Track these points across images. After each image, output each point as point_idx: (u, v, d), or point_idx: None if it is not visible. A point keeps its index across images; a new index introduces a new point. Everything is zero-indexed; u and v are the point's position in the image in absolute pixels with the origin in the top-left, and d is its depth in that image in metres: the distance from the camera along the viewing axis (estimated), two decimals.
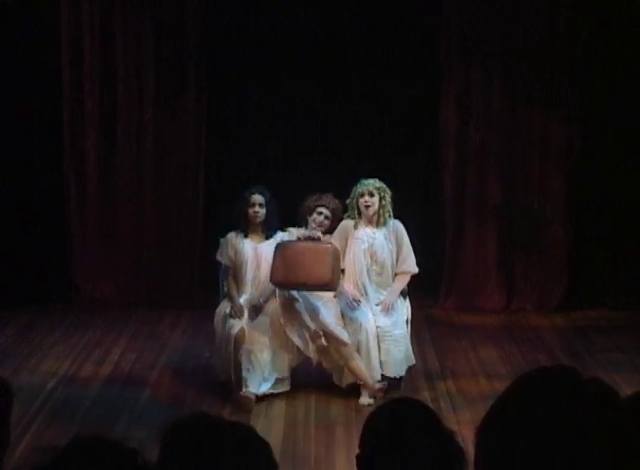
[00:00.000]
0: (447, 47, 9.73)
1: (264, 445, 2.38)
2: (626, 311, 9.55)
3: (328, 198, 7.57)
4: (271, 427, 6.77)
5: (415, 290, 9.00)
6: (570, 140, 9.78)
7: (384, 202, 7.51)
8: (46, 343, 8.63)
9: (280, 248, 7.33)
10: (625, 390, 6.59)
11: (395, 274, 7.63)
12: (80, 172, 9.86)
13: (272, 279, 7.30)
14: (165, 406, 7.10)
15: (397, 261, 7.60)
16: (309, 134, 9.89)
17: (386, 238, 7.56)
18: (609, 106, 9.63)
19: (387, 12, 9.88)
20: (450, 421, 6.14)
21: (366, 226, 7.56)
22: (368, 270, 7.55)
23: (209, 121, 9.93)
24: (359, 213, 7.55)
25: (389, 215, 7.56)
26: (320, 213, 7.52)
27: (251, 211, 7.54)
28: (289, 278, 7.22)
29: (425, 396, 7.26)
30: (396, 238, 7.58)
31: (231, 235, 7.63)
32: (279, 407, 7.20)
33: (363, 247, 7.52)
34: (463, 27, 9.64)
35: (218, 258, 7.64)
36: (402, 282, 7.63)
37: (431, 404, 2.79)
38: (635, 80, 9.51)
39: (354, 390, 7.46)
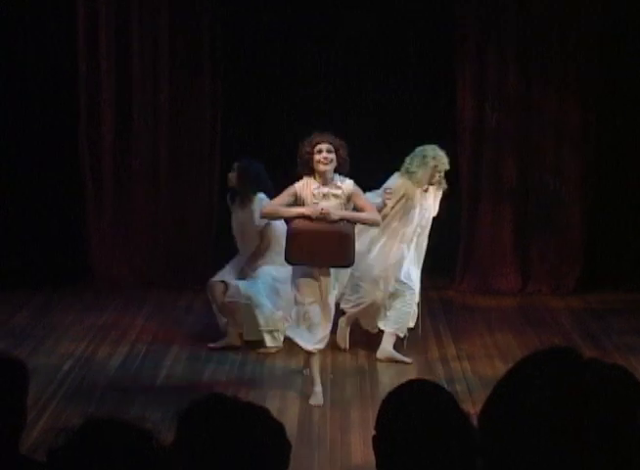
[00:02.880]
0: (462, 31, 9.69)
1: (279, 426, 2.38)
2: None
3: (323, 134, 7.04)
4: (287, 409, 6.78)
5: (431, 271, 9.04)
6: (586, 121, 9.74)
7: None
8: (62, 324, 8.65)
9: (294, 232, 6.86)
10: None
11: None
12: (96, 154, 9.87)
13: (288, 261, 6.97)
14: (181, 388, 7.12)
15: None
16: (325, 117, 9.83)
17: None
18: (625, 89, 9.59)
19: None
20: (466, 403, 6.12)
21: None
22: None
23: (225, 104, 9.92)
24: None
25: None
26: (320, 151, 6.92)
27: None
28: (308, 262, 6.90)
29: (440, 377, 7.27)
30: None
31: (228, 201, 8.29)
32: (295, 389, 7.21)
33: None
34: (478, 10, 9.60)
35: None
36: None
37: (446, 386, 2.78)
38: None
39: (370, 370, 7.50)
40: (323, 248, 6.79)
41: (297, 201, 6.93)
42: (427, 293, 8.88)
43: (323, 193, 6.90)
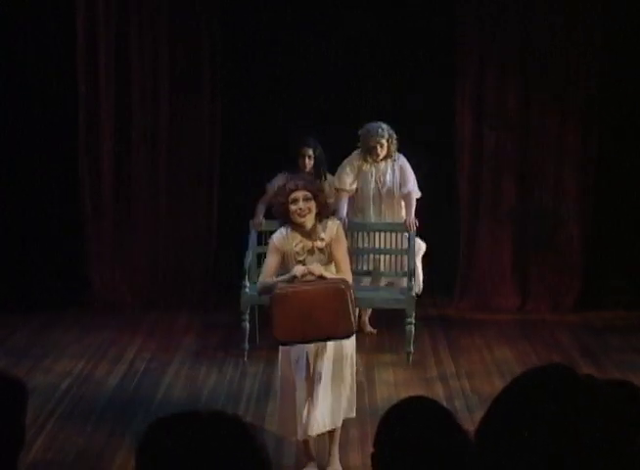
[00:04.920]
0: (462, 48, 9.71)
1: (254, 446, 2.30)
2: None
3: (297, 179, 6.17)
4: None
5: (430, 289, 9.05)
6: (586, 141, 9.75)
7: (391, 145, 8.62)
8: (61, 343, 8.64)
9: (278, 298, 5.79)
10: None
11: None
12: (95, 173, 9.86)
13: (278, 338, 5.88)
14: (180, 406, 7.10)
15: (400, 187, 8.68)
16: (325, 134, 9.84)
17: (392, 169, 8.69)
18: (625, 106, 9.61)
19: (400, 14, 9.86)
20: (465, 421, 6.11)
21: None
22: (374, 197, 8.71)
23: (224, 121, 9.93)
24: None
25: (394, 152, 8.69)
26: (295, 201, 5.97)
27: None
28: (296, 335, 5.81)
29: (439, 395, 7.26)
30: (400, 168, 8.69)
31: None
32: None
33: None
34: (477, 27, 9.63)
35: None
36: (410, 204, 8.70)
37: (445, 404, 2.79)
38: None
39: (368, 387, 7.49)
40: (316, 312, 5.71)
41: (284, 256, 6.04)
42: (426, 311, 8.87)
43: (307, 248, 6.00)
